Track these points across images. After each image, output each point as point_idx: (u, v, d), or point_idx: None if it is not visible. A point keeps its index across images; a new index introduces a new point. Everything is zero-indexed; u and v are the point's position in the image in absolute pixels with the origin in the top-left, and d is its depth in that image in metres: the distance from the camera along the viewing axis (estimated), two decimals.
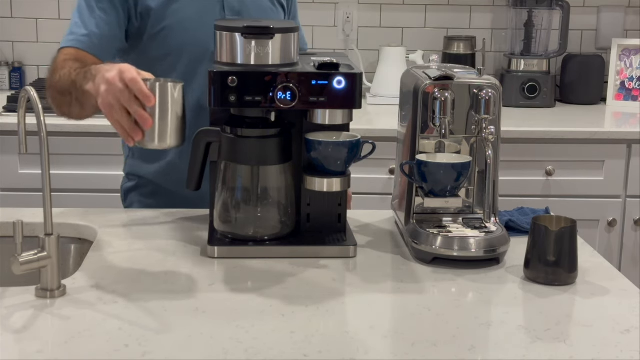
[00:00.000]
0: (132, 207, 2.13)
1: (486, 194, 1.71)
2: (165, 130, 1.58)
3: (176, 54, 1.98)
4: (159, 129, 1.58)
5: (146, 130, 1.57)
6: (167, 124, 1.58)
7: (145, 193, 2.12)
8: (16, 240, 1.44)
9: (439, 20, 3.57)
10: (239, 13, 2.02)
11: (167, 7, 1.97)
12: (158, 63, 1.98)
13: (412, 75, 1.81)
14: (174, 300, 1.51)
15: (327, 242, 1.73)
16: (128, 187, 2.16)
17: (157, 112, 1.57)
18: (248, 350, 1.30)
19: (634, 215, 3.06)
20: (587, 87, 3.48)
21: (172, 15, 1.98)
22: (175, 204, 2.01)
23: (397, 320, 1.49)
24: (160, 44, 1.99)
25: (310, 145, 1.69)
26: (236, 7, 2.02)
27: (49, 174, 1.47)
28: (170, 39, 1.98)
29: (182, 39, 1.97)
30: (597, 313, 1.49)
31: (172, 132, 1.59)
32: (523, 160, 3.00)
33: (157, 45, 2.00)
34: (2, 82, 3.47)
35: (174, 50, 1.98)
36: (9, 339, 1.33)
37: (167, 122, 1.58)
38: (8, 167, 2.93)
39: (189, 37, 1.97)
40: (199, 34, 1.97)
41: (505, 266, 1.68)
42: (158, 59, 1.99)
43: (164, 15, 1.97)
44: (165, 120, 1.58)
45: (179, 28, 1.98)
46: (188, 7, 1.98)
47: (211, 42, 1.94)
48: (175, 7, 1.98)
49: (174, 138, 1.59)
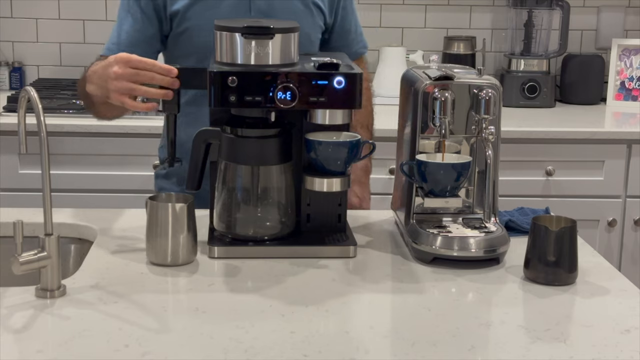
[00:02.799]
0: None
1: (486, 194, 1.71)
2: (165, 248, 1.62)
3: (200, 54, 1.98)
4: (151, 245, 1.63)
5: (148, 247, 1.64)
6: (167, 242, 1.62)
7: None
8: (16, 240, 1.44)
9: (439, 20, 3.57)
10: (267, 14, 2.00)
11: (191, 8, 1.99)
12: (180, 62, 1.98)
13: (412, 75, 1.81)
14: (174, 300, 1.51)
15: (327, 242, 1.73)
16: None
17: (157, 230, 1.62)
18: (248, 350, 1.30)
19: (634, 215, 3.06)
20: (587, 87, 3.48)
21: (196, 16, 1.99)
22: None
23: (397, 320, 1.49)
24: (184, 44, 2.02)
25: (310, 145, 1.69)
26: (263, 8, 2.00)
27: (49, 174, 1.47)
28: (193, 39, 2.00)
29: (206, 39, 1.96)
30: (597, 313, 1.49)
31: (172, 250, 1.62)
32: (523, 160, 3.00)
33: (181, 45, 2.02)
34: (2, 82, 3.47)
35: (197, 50, 1.99)
36: (9, 339, 1.33)
37: (167, 241, 1.62)
38: (8, 167, 2.93)
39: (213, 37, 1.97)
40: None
41: (505, 266, 1.68)
42: (181, 57, 2.01)
43: (189, 16, 1.99)
44: (165, 239, 1.62)
45: (202, 29, 1.98)
46: (214, 8, 1.99)
47: None
48: (200, 7, 1.99)
49: (175, 256, 1.62)
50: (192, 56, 2.00)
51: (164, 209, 1.62)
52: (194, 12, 2.00)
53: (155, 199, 1.65)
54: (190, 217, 1.63)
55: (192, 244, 1.65)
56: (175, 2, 2.00)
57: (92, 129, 2.87)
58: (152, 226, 1.62)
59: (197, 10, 2.00)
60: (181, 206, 1.62)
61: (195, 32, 1.99)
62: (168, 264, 1.62)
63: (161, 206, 1.62)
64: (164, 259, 1.62)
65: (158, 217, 1.62)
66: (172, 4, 2.00)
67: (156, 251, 1.63)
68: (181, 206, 1.62)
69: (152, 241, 1.63)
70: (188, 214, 1.63)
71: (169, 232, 1.61)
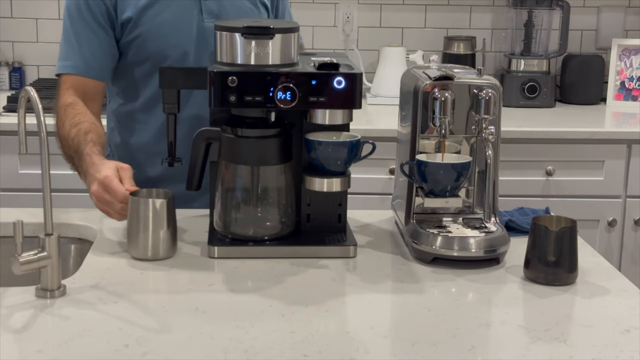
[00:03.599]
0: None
1: (486, 194, 1.71)
2: (138, 242, 1.65)
3: (154, 59, 1.98)
4: (132, 240, 1.66)
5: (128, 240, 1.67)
6: (147, 237, 1.64)
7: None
8: (16, 240, 1.44)
9: (439, 20, 3.56)
10: (218, 15, 2.00)
11: (143, 14, 1.97)
12: (136, 68, 2.01)
13: (412, 75, 1.81)
14: (174, 300, 1.51)
15: (327, 242, 1.73)
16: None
17: (134, 224, 1.64)
18: (248, 350, 1.30)
19: (634, 215, 3.05)
20: (587, 87, 3.48)
21: (148, 21, 1.97)
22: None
23: (397, 320, 1.49)
24: (137, 50, 2.00)
25: (310, 145, 1.69)
26: (214, 10, 2.00)
27: (49, 174, 1.46)
28: (147, 45, 1.98)
29: (160, 44, 1.97)
30: (597, 313, 1.49)
31: (151, 246, 1.65)
32: (523, 160, 3.00)
33: (134, 51, 2.00)
34: (2, 82, 3.47)
35: (151, 56, 1.98)
36: (9, 339, 1.33)
37: (147, 236, 1.64)
38: (8, 167, 2.93)
39: (166, 42, 1.97)
40: (177, 39, 1.97)
41: (505, 266, 1.68)
42: (135, 64, 2.01)
43: (140, 22, 1.97)
44: (146, 234, 1.64)
45: (154, 33, 1.97)
46: (164, 12, 1.98)
47: (190, 46, 1.95)
48: (151, 13, 1.98)
49: (155, 251, 1.65)
50: (147, 62, 1.99)
51: (144, 205, 1.63)
52: (146, 19, 1.97)
53: (136, 194, 1.66)
54: (170, 212, 1.65)
55: (172, 239, 1.67)
56: (126, 10, 1.97)
57: None
58: (133, 221, 1.64)
59: (148, 16, 1.97)
60: (161, 202, 1.63)
61: (148, 38, 1.98)
62: (149, 259, 1.64)
63: (142, 202, 1.63)
64: (145, 254, 1.65)
65: (139, 212, 1.63)
66: (122, 12, 1.98)
67: (137, 246, 1.65)
68: (161, 202, 1.63)
69: (133, 236, 1.65)
70: (168, 209, 1.64)
71: (149, 227, 1.63)
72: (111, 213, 1.70)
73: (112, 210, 1.69)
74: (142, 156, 2.06)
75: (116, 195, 1.67)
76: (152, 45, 1.98)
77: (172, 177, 1.95)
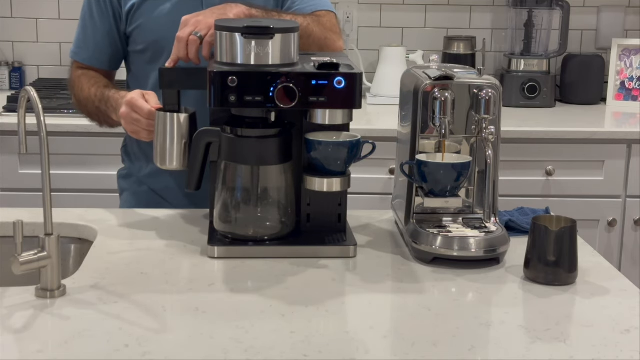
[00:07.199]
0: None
1: (486, 194, 1.71)
2: (166, 154, 1.75)
3: (154, 49, 2.02)
4: (160, 152, 1.76)
5: (155, 153, 1.77)
6: (169, 148, 1.74)
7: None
8: (16, 240, 1.44)
9: (439, 20, 3.56)
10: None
11: (144, 3, 2.02)
12: (138, 58, 2.08)
13: (412, 75, 1.81)
14: (174, 301, 1.51)
15: (327, 242, 1.73)
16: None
17: (160, 138, 1.75)
18: (248, 350, 1.30)
19: (634, 215, 3.06)
20: (587, 87, 3.48)
21: (148, 11, 2.02)
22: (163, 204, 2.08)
23: (397, 320, 1.49)
24: (139, 40, 2.05)
25: (310, 145, 1.69)
26: (217, 3, 1.99)
27: (49, 174, 1.47)
28: (146, 35, 2.03)
29: (157, 34, 2.00)
30: (597, 313, 1.49)
31: (176, 156, 1.75)
32: (523, 160, 3.00)
33: (135, 41, 2.06)
34: (2, 82, 3.47)
35: (151, 45, 2.03)
36: (9, 339, 1.33)
37: (171, 147, 1.74)
38: (8, 167, 2.93)
39: (164, 32, 1.98)
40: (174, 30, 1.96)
41: (505, 266, 1.68)
42: (137, 53, 2.07)
43: (141, 12, 2.02)
44: (172, 145, 1.74)
45: (153, 23, 2.01)
46: (166, 2, 2.02)
47: None
48: (152, 2, 2.02)
49: (175, 161, 1.76)
50: (148, 52, 2.04)
51: (170, 119, 1.73)
52: (146, 8, 2.03)
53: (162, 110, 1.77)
54: (192, 126, 1.75)
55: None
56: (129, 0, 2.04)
57: (92, 129, 2.85)
58: (160, 135, 1.75)
59: (149, 5, 2.02)
60: (185, 116, 1.74)
61: (147, 27, 2.02)
62: (174, 168, 1.76)
63: (168, 116, 1.74)
64: (171, 163, 1.75)
65: (165, 126, 1.74)
66: (126, 2, 2.04)
67: (164, 157, 1.75)
68: (185, 116, 1.74)
69: (160, 148, 1.75)
70: (190, 123, 1.75)
71: (175, 139, 1.74)
72: (139, 131, 1.81)
73: (140, 127, 1.80)
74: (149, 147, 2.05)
75: (142, 111, 1.78)
76: (151, 35, 2.02)
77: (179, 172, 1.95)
